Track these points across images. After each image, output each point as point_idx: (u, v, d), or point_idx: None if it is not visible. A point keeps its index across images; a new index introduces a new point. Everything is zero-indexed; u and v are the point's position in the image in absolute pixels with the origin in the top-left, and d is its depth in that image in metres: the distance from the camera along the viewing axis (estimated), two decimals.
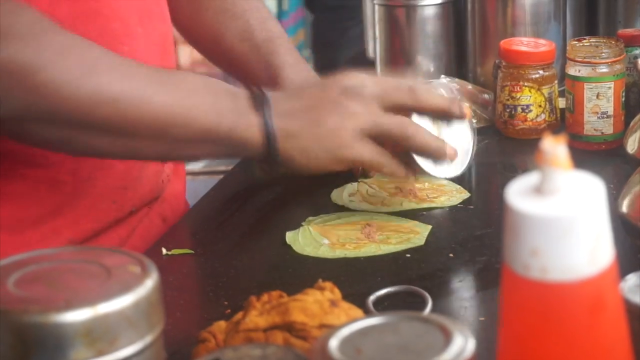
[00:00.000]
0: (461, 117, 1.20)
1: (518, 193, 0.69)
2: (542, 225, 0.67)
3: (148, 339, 0.75)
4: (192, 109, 1.11)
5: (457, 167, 1.23)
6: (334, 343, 0.73)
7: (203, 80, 1.14)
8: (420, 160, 1.20)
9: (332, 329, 0.75)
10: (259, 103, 1.14)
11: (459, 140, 1.22)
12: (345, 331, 0.74)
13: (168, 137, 1.11)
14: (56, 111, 1.05)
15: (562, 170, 0.68)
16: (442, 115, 1.20)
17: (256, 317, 0.90)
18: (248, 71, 1.41)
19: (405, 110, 1.18)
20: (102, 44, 1.12)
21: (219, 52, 1.45)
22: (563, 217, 0.67)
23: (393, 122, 1.17)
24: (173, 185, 1.35)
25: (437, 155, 1.19)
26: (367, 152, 1.16)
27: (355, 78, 1.18)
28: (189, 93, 1.12)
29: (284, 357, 0.76)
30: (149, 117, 1.09)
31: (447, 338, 0.72)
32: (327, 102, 1.16)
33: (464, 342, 0.72)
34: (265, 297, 0.93)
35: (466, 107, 1.22)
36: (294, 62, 1.40)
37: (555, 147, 0.68)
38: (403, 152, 1.20)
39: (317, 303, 0.89)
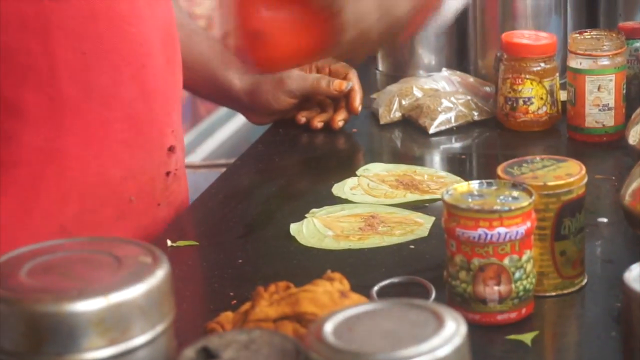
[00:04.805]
0: None
1: None
2: None
3: (159, 328, 0.76)
4: None
5: None
6: (329, 325, 0.74)
7: None
8: None
9: (329, 314, 0.76)
10: None
11: None
12: (341, 315, 0.76)
13: None
14: None
15: None
16: None
17: (266, 307, 0.90)
18: None
19: None
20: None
21: None
22: None
23: None
24: (176, 190, 1.31)
25: None
26: None
27: None
28: None
29: (271, 340, 0.76)
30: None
31: (440, 324, 0.73)
32: None
33: (455, 328, 0.73)
34: (272, 287, 0.94)
35: None
36: None
37: None
38: None
39: (327, 294, 0.90)
